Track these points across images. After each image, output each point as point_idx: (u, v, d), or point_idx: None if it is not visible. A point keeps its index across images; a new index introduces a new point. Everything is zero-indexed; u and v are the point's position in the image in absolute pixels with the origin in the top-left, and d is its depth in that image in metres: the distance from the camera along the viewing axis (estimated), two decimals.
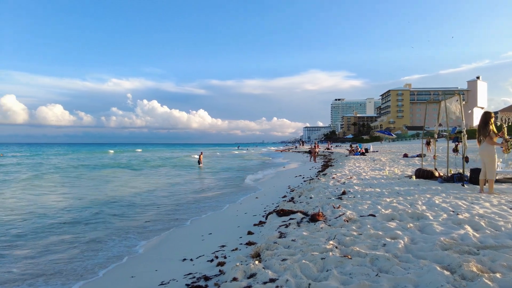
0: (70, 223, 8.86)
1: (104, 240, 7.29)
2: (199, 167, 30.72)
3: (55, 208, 11.08)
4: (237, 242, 5.73)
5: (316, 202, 7.36)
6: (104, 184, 18.42)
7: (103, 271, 5.57)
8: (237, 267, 3.92)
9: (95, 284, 5.06)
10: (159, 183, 18.37)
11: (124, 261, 5.99)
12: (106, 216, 9.64)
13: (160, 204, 11.53)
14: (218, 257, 4.99)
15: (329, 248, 4.11)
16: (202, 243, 6.38)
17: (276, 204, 8.96)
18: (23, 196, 14.03)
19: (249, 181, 18.22)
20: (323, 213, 6.08)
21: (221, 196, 13.16)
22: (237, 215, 8.72)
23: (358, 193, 8.19)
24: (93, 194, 14.38)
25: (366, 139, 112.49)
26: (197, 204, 11.38)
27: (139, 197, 13.28)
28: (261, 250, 4.61)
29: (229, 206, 10.64)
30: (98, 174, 25.49)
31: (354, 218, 5.56)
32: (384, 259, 3.52)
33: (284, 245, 4.63)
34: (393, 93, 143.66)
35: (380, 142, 55.53)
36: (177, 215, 9.69)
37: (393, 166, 15.79)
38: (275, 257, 4.19)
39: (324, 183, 10.39)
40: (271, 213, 6.91)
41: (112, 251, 6.57)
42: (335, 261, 3.67)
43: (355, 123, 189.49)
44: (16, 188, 16.77)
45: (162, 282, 4.41)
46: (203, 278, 4.16)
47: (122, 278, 5.09)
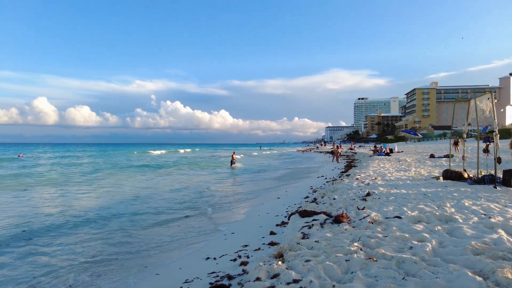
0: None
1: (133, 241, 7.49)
2: (232, 167, 29.57)
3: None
4: (259, 242, 5.74)
5: (339, 203, 7.26)
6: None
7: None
8: (260, 267, 3.93)
9: (121, 281, 5.20)
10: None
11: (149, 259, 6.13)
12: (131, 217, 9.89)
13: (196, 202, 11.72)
14: (241, 257, 5.02)
15: (353, 250, 4.05)
16: (225, 242, 6.43)
17: (298, 205, 8.91)
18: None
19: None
20: (347, 214, 5.99)
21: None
22: (259, 215, 8.74)
23: (383, 194, 8.01)
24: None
25: (390, 139, 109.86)
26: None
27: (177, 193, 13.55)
28: (284, 251, 4.60)
29: (250, 206, 10.67)
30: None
31: (379, 220, 5.45)
32: (411, 262, 3.43)
33: (308, 246, 4.59)
34: (419, 92, 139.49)
35: (405, 142, 53.98)
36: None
37: (419, 167, 15.33)
38: (298, 258, 4.17)
39: (348, 184, 10.23)
40: (293, 214, 6.88)
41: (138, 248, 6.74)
42: (360, 263, 3.61)
43: (379, 123, 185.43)
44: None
45: (187, 280, 4.48)
46: (226, 277, 4.19)
47: (148, 276, 5.21)
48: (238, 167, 29.93)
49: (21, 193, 14.68)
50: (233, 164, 30.53)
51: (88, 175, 23.28)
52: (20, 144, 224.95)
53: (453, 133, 24.29)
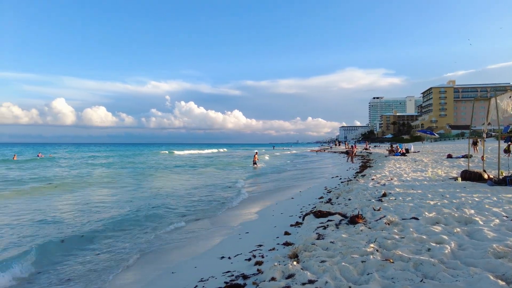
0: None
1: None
2: (254, 168, 29.38)
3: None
4: (274, 242, 5.74)
5: (355, 203, 7.18)
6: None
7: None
8: (275, 267, 3.93)
9: (138, 277, 5.28)
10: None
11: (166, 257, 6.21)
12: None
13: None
14: (256, 256, 5.02)
15: (369, 251, 4.00)
16: (240, 242, 6.45)
17: (312, 205, 8.86)
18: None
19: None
20: (363, 215, 5.92)
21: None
22: (273, 215, 8.73)
23: (400, 195, 7.88)
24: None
25: (406, 139, 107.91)
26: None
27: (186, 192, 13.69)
28: (299, 251, 4.58)
29: (264, 206, 10.66)
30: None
31: (395, 221, 5.36)
32: (429, 264, 3.37)
33: (323, 246, 4.57)
34: (435, 91, 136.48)
35: (422, 142, 52.93)
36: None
37: (436, 167, 15.02)
38: (314, 258, 4.15)
39: (363, 185, 10.11)
40: (308, 214, 6.84)
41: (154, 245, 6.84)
42: (376, 265, 3.56)
43: (394, 122, 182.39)
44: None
45: (202, 279, 4.51)
46: (241, 277, 4.21)
47: (164, 274, 5.28)
48: (259, 167, 29.96)
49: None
50: (255, 164, 30.58)
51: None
52: (40, 144, 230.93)
53: (472, 133, 23.53)
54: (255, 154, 32.47)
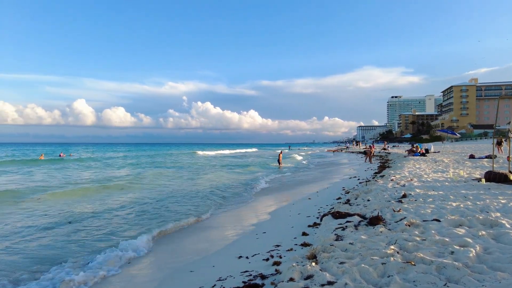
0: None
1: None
2: (278, 167, 29.14)
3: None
4: (291, 243, 5.72)
5: (374, 205, 7.06)
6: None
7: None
8: (293, 267, 3.91)
9: (155, 275, 5.36)
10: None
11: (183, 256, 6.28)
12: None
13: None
14: (274, 257, 5.02)
15: (390, 253, 3.93)
16: (257, 242, 6.46)
17: (330, 206, 8.78)
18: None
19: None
20: (382, 216, 5.82)
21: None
22: (290, 215, 8.70)
23: (420, 196, 7.71)
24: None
25: (426, 138, 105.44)
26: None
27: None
28: (317, 252, 4.55)
29: (281, 206, 10.64)
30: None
31: (416, 223, 5.25)
32: (452, 268, 3.28)
33: (342, 248, 4.52)
34: (456, 89, 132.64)
35: (442, 142, 51.52)
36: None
37: (458, 168, 14.60)
38: (332, 259, 4.10)
39: (382, 185, 9.93)
40: (326, 215, 6.78)
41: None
42: (397, 267, 3.50)
43: (413, 122, 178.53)
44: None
45: (220, 278, 4.54)
46: (259, 277, 4.21)
47: (182, 272, 5.34)
48: (283, 166, 29.83)
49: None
50: (279, 164, 30.53)
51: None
52: (62, 144, 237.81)
53: (496, 132, 22.76)
54: (280, 154, 32.70)
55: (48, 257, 6.22)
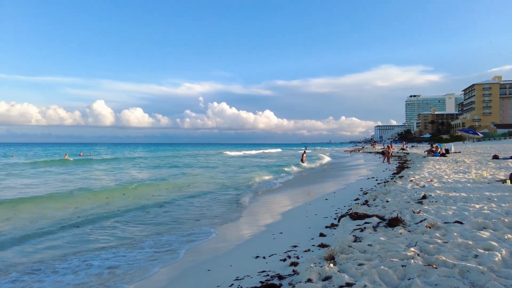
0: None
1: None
2: (302, 166, 28.67)
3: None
4: (309, 243, 5.68)
5: (393, 206, 6.94)
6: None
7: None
8: (311, 268, 3.88)
9: (174, 270, 5.43)
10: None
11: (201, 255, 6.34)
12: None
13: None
14: (291, 257, 5.00)
15: (410, 255, 3.85)
16: (274, 242, 6.45)
17: (348, 207, 8.68)
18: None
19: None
20: (402, 218, 5.71)
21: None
22: (307, 216, 8.64)
23: (441, 197, 7.52)
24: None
25: (445, 138, 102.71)
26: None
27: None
28: (335, 253, 4.51)
29: (297, 206, 10.59)
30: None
31: (437, 225, 5.12)
32: (477, 272, 3.18)
33: (360, 249, 4.46)
34: (478, 88, 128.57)
35: (463, 142, 50.04)
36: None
37: (480, 169, 14.16)
38: (351, 261, 4.06)
39: (401, 186, 9.74)
40: (343, 216, 6.71)
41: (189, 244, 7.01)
42: (418, 270, 3.42)
43: (433, 121, 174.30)
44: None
45: (237, 278, 4.56)
46: (277, 277, 4.20)
47: (199, 271, 5.39)
48: (307, 166, 29.35)
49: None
50: (303, 163, 29.99)
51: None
52: (82, 143, 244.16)
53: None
54: (304, 153, 32.27)
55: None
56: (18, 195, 13.65)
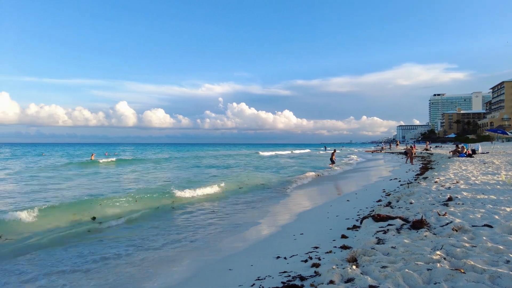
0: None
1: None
2: (331, 167, 27.53)
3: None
4: (330, 245, 5.63)
5: (417, 208, 6.77)
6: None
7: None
8: (333, 269, 3.86)
9: (193, 272, 5.50)
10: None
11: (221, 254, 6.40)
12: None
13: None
14: (312, 258, 4.98)
15: (435, 258, 3.76)
16: (294, 243, 6.42)
17: (370, 208, 8.54)
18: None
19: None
20: (426, 220, 5.57)
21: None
22: (328, 217, 8.56)
23: (468, 199, 7.27)
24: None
25: (472, 138, 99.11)
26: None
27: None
28: (358, 255, 4.45)
29: (318, 207, 10.51)
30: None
31: (464, 228, 4.96)
32: (509, 278, 3.07)
33: (383, 251, 4.39)
34: (508, 85, 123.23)
35: (491, 142, 48.19)
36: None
37: (511, 170, 13.60)
38: (374, 263, 4.00)
39: (426, 188, 9.48)
40: (366, 218, 6.61)
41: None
42: (445, 274, 3.34)
43: (458, 121, 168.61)
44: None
45: (259, 278, 4.57)
46: (298, 278, 4.19)
47: (221, 270, 5.44)
48: (335, 168, 28.03)
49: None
50: (332, 163, 28.77)
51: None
52: (106, 144, 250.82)
53: None
54: (333, 152, 30.45)
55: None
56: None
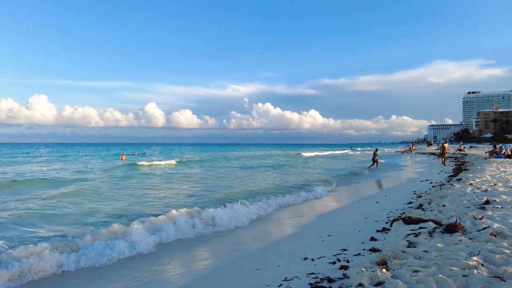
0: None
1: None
2: (375, 167, 26.67)
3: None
4: (359, 247, 5.53)
5: (450, 211, 6.51)
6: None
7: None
8: (362, 272, 3.79)
9: (221, 271, 5.57)
10: None
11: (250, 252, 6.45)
12: None
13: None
14: (340, 260, 4.91)
15: (472, 264, 3.60)
16: (322, 244, 6.36)
17: (400, 211, 8.31)
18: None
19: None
20: (461, 224, 5.35)
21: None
22: (356, 219, 8.41)
23: (507, 203, 6.90)
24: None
25: (511, 138, 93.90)
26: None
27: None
28: (388, 258, 4.35)
29: (345, 209, 10.34)
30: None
31: (504, 233, 4.71)
32: None
33: (415, 255, 4.26)
34: None
35: None
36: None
37: None
38: (405, 267, 3.89)
39: (460, 190, 9.09)
40: (396, 220, 6.43)
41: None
42: (483, 281, 3.19)
43: (495, 120, 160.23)
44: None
45: (286, 278, 4.57)
46: (326, 280, 4.15)
47: (248, 270, 5.47)
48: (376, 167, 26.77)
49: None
50: (375, 163, 27.22)
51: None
52: (136, 144, 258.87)
53: None
54: (375, 151, 28.39)
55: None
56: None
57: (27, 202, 11.24)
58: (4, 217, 8.83)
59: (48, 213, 9.55)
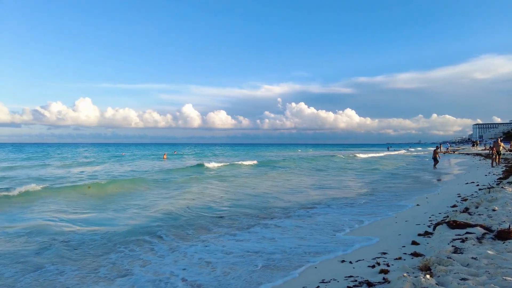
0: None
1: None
2: (435, 166, 25.81)
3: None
4: (399, 251, 5.32)
5: (502, 216, 6.08)
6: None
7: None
8: (404, 277, 3.64)
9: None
10: None
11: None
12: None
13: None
14: (380, 264, 4.75)
15: None
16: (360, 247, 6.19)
17: (443, 214, 7.88)
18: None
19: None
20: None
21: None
22: (396, 222, 8.09)
23: None
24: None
25: None
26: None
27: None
28: (431, 264, 4.15)
29: (388, 213, 9.98)
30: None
31: None
32: None
33: (462, 262, 4.03)
34: None
35: None
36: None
37: None
38: (451, 274, 3.70)
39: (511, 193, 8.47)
40: (440, 224, 6.12)
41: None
42: None
43: None
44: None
45: (323, 280, 4.50)
46: (365, 283, 4.04)
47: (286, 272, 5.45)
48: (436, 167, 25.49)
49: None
50: (436, 161, 26.28)
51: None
52: (173, 144, 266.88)
53: None
54: (436, 149, 27.19)
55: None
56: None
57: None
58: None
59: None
